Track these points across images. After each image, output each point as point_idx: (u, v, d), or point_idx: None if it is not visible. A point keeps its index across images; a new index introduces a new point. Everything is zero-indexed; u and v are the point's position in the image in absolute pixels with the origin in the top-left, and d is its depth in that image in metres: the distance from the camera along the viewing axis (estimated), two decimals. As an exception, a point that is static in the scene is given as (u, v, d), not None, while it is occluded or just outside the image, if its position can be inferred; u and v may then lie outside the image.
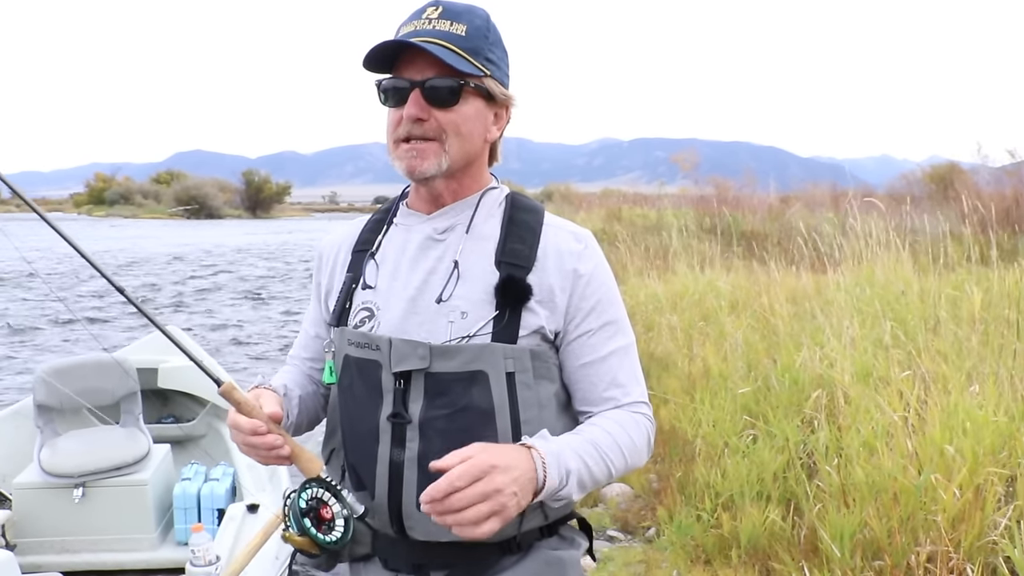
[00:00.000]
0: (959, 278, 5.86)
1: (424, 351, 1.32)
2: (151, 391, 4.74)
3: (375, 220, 1.54)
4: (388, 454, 1.33)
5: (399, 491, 1.33)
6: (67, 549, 3.76)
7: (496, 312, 1.34)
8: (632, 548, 4.03)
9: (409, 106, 1.33)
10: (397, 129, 1.36)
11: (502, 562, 1.38)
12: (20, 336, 12.57)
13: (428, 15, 1.34)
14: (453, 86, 1.33)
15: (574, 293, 1.38)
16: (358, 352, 1.38)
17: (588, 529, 1.52)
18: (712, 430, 4.44)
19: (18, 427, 4.34)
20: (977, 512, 2.93)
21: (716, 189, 21.82)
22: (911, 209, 7.52)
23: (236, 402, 1.32)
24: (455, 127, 1.35)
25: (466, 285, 1.36)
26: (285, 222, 70.22)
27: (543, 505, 1.35)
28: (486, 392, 1.31)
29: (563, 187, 41.60)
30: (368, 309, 1.41)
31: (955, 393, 3.52)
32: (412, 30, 1.34)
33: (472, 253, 1.39)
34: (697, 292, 7.77)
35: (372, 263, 1.46)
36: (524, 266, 1.37)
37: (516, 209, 1.45)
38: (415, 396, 1.33)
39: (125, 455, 3.88)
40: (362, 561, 1.45)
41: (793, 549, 3.39)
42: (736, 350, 5.49)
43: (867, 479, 3.23)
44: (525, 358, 1.33)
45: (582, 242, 1.43)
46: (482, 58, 1.35)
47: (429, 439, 1.31)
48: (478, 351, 1.31)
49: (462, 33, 1.33)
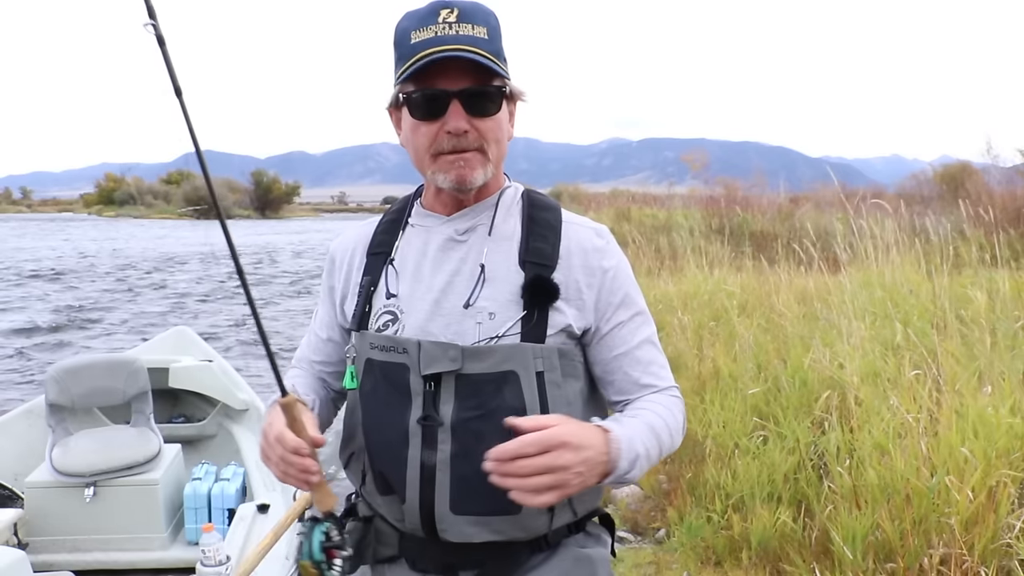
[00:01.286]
0: (968, 279, 5.83)
1: (455, 353, 1.30)
2: (162, 391, 4.76)
3: (389, 221, 1.51)
4: (419, 457, 1.32)
5: (431, 494, 1.31)
6: (78, 548, 3.77)
7: (524, 312, 1.33)
8: (642, 549, 4.02)
9: (454, 119, 1.29)
10: (436, 142, 1.32)
11: (532, 560, 1.38)
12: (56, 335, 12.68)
13: (445, 18, 1.28)
14: (493, 95, 1.31)
15: (602, 288, 1.39)
16: (382, 356, 1.36)
17: (611, 525, 1.52)
18: (722, 431, 4.42)
19: (30, 426, 4.36)
20: (991, 514, 2.91)
21: (726, 189, 21.77)
22: (921, 209, 7.49)
23: (292, 418, 1.29)
24: (494, 135, 1.33)
25: (492, 287, 1.35)
26: (294, 222, 70.41)
27: (571, 502, 1.37)
28: (517, 392, 1.30)
29: (572, 187, 41.60)
30: (391, 313, 1.39)
31: (968, 395, 3.50)
32: (432, 36, 1.27)
33: (495, 254, 1.38)
34: (707, 292, 7.75)
35: (391, 268, 1.43)
36: (549, 265, 1.36)
37: (534, 207, 1.44)
38: (446, 398, 1.31)
39: (136, 455, 3.89)
40: (387, 563, 1.44)
41: (804, 551, 3.37)
42: (746, 351, 5.47)
43: (879, 480, 3.22)
44: (554, 357, 1.33)
45: (603, 237, 1.43)
46: (502, 59, 1.32)
47: (462, 441, 1.30)
48: (509, 351, 1.30)
49: (485, 36, 1.29)
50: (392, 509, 1.40)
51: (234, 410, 4.84)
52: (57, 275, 21.65)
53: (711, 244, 10.98)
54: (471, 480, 1.28)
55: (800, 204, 16.10)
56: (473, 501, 1.30)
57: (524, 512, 1.31)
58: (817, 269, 6.45)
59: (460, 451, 1.30)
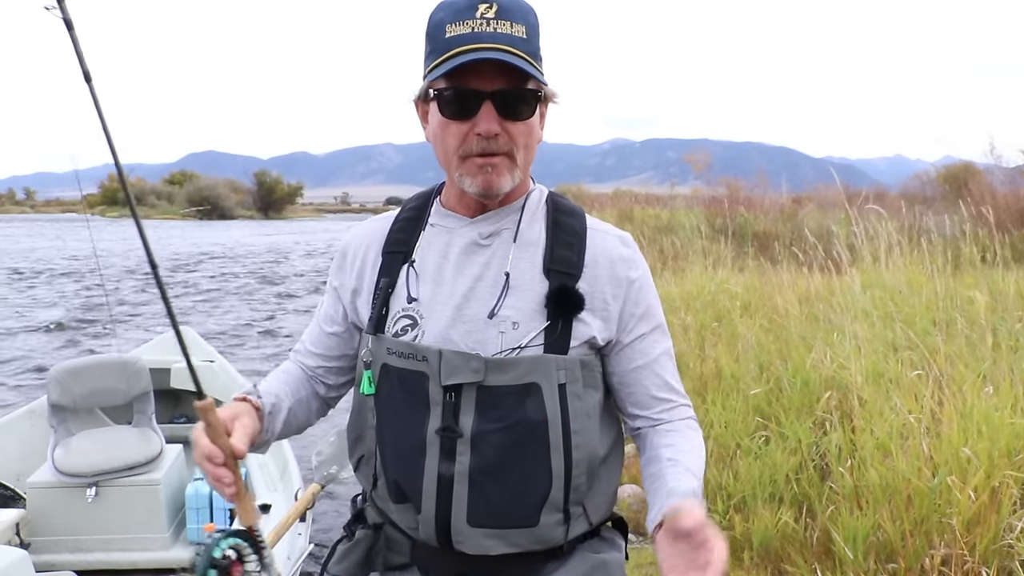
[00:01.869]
0: (970, 279, 5.82)
1: (478, 364, 1.26)
2: (163, 391, 4.76)
3: (406, 219, 1.43)
4: (436, 468, 1.28)
5: (447, 506, 1.28)
6: (80, 548, 3.78)
7: (548, 322, 1.29)
8: (644, 549, 4.02)
9: (486, 121, 1.23)
10: (465, 144, 1.26)
11: (546, 567, 1.36)
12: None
13: (483, 13, 1.21)
14: (529, 98, 1.25)
15: (627, 300, 1.36)
16: (401, 363, 1.31)
17: (624, 527, 1.50)
18: (724, 431, 4.42)
19: (33, 426, 4.37)
20: (993, 515, 2.91)
21: (728, 189, 21.73)
22: (924, 209, 7.49)
23: (207, 422, 1.20)
24: (525, 140, 1.28)
25: (516, 295, 1.30)
26: (298, 223, 70.45)
27: (587, 512, 1.35)
28: (539, 404, 1.26)
29: (575, 188, 41.49)
30: (410, 317, 1.33)
31: (972, 395, 3.49)
32: (469, 31, 1.20)
33: (520, 261, 1.33)
34: (709, 293, 7.74)
35: (411, 271, 1.37)
36: (573, 274, 1.32)
37: (559, 212, 1.39)
38: (466, 409, 1.27)
39: (138, 455, 3.90)
40: (398, 570, 1.42)
41: (806, 551, 3.37)
42: (748, 351, 5.47)
43: (881, 481, 3.21)
44: (576, 368, 1.29)
45: (629, 247, 1.40)
46: (538, 59, 1.26)
47: (482, 453, 1.27)
48: (533, 363, 1.26)
49: (523, 35, 1.22)
50: (406, 517, 1.36)
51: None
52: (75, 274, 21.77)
53: (714, 244, 10.98)
54: (490, 493, 1.26)
55: (803, 204, 16.07)
56: (491, 514, 1.28)
57: (541, 524, 1.29)
58: (819, 269, 6.45)
59: (479, 464, 1.26)
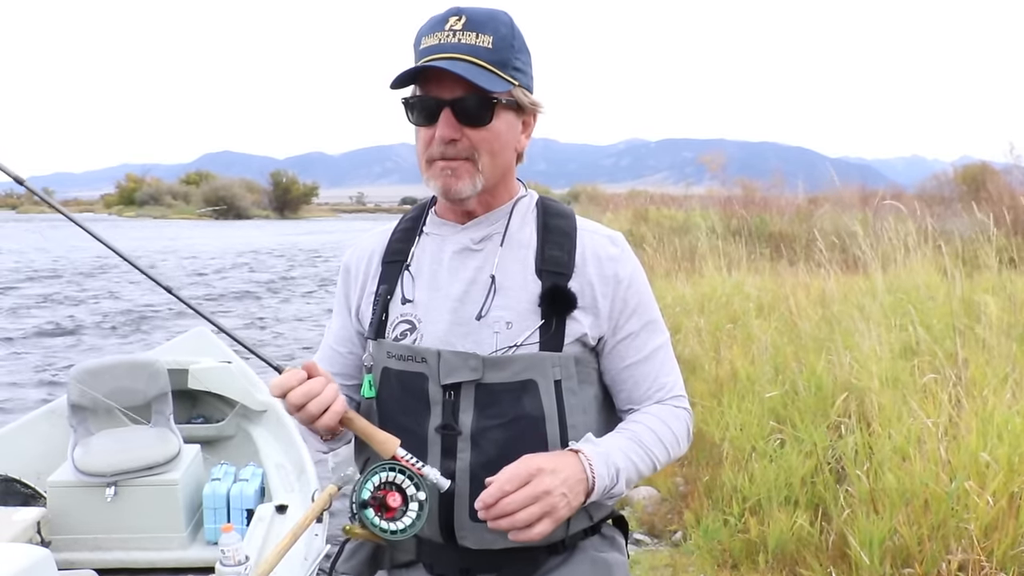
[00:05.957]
0: (989, 282, 5.77)
1: (476, 362, 1.32)
2: (181, 392, 4.80)
3: (404, 229, 1.51)
4: (438, 465, 1.32)
5: (450, 502, 1.33)
6: (100, 546, 3.82)
7: (542, 321, 1.34)
8: (659, 552, 4.02)
9: (442, 127, 1.30)
10: (429, 148, 1.34)
11: (549, 562, 1.40)
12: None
13: (452, 26, 1.29)
14: (485, 104, 1.31)
15: (616, 298, 1.39)
16: (400, 365, 1.37)
17: (624, 526, 1.53)
18: (739, 434, 4.41)
19: (53, 426, 4.41)
20: (1011, 520, 2.89)
21: (744, 190, 21.64)
22: (941, 210, 7.43)
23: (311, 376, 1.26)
24: (488, 145, 1.33)
25: (507, 296, 1.36)
26: (314, 222, 70.71)
27: (588, 508, 1.37)
28: (536, 401, 1.32)
29: (590, 188, 41.50)
30: (408, 322, 1.40)
31: (993, 399, 3.47)
32: (436, 43, 1.30)
33: (511, 263, 1.39)
34: (724, 294, 7.72)
35: (407, 275, 1.44)
36: (565, 273, 1.38)
37: (549, 215, 1.45)
38: (465, 407, 1.32)
39: (156, 455, 3.93)
40: (404, 567, 1.45)
41: (821, 555, 3.36)
42: (764, 353, 5.45)
43: (898, 485, 3.20)
44: (570, 365, 1.35)
45: (618, 245, 1.44)
46: (510, 69, 1.32)
47: (481, 449, 1.32)
48: (529, 361, 1.32)
49: (488, 45, 1.29)
50: None
51: (252, 411, 4.87)
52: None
53: (729, 245, 10.94)
54: None
55: (819, 205, 15.98)
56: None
57: None
58: (836, 271, 6.41)
59: (479, 459, 1.31)
